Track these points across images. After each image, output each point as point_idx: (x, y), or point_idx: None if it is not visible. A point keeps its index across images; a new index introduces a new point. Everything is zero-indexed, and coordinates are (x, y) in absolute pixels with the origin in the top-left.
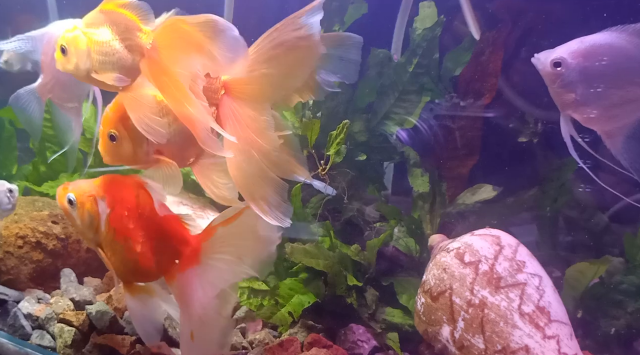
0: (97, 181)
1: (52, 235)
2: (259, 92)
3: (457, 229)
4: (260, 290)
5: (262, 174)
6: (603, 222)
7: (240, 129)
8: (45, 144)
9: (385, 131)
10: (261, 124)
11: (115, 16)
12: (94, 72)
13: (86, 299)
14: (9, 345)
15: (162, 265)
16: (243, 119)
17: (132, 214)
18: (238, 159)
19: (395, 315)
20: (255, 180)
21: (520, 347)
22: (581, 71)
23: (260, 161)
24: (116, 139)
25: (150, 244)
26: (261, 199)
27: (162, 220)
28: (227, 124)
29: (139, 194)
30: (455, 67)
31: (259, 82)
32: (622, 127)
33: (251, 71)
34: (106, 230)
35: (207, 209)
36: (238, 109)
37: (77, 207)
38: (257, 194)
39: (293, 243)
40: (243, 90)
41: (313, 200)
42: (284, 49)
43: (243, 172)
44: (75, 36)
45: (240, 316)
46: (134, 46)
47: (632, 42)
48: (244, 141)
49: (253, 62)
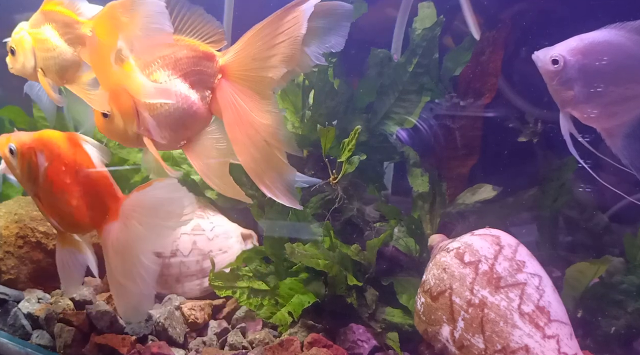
0: (37, 135)
1: (52, 235)
2: (258, 73)
3: (457, 229)
4: (260, 290)
5: (269, 157)
6: (603, 222)
7: (243, 113)
8: None
9: (385, 131)
10: (265, 106)
11: (53, 15)
12: (40, 70)
13: (86, 298)
14: (9, 345)
15: (94, 219)
16: (245, 103)
17: (69, 169)
18: (245, 144)
19: (395, 315)
20: (263, 163)
21: (520, 347)
22: (580, 69)
23: (266, 145)
24: (108, 116)
25: (84, 198)
26: (271, 183)
27: (95, 176)
28: (227, 108)
29: (76, 151)
30: (455, 67)
31: (257, 63)
32: (622, 124)
33: (248, 53)
34: (44, 182)
35: (207, 209)
36: (239, 93)
37: (17, 157)
38: (267, 177)
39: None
40: (242, 73)
41: (313, 200)
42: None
43: (251, 156)
44: (21, 37)
45: (240, 316)
46: (73, 39)
47: (631, 39)
48: (248, 125)
49: (248, 45)
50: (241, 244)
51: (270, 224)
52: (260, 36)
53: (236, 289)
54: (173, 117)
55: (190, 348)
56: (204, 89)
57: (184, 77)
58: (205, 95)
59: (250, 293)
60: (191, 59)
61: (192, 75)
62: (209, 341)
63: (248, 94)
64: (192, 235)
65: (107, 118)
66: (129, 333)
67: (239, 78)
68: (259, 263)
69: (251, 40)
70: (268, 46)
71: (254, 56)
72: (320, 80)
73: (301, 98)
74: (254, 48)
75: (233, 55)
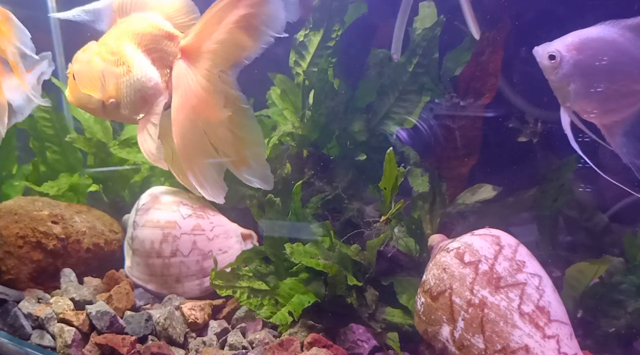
0: None
1: (52, 235)
2: (214, 56)
3: (457, 229)
4: (260, 290)
5: (204, 146)
6: (603, 222)
7: (190, 95)
8: (45, 143)
9: (385, 131)
10: (212, 96)
11: None
12: None
13: (86, 298)
14: (9, 345)
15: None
16: (194, 87)
17: None
18: (184, 127)
19: (395, 315)
20: (197, 151)
21: (520, 347)
22: (575, 64)
23: (204, 133)
24: (76, 77)
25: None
26: (199, 171)
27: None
28: (177, 88)
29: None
30: (455, 67)
31: (214, 45)
32: (620, 121)
33: (205, 36)
34: None
35: (207, 209)
36: (191, 75)
37: None
38: (196, 164)
39: (293, 243)
40: (199, 54)
41: (313, 200)
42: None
43: (186, 140)
44: None
45: (240, 316)
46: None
47: (624, 36)
48: (190, 108)
49: (206, 27)
50: (241, 244)
51: (270, 224)
52: (219, 15)
53: (236, 289)
54: (133, 87)
55: (190, 348)
56: (164, 66)
57: (147, 52)
58: (165, 73)
59: (250, 293)
60: (155, 37)
61: (154, 51)
62: (209, 341)
63: (204, 76)
64: (192, 235)
65: (75, 83)
66: (129, 333)
67: (196, 60)
68: (259, 263)
69: (209, 22)
70: (228, 27)
71: (215, 36)
72: (320, 80)
73: (301, 98)
74: (214, 28)
75: (192, 37)
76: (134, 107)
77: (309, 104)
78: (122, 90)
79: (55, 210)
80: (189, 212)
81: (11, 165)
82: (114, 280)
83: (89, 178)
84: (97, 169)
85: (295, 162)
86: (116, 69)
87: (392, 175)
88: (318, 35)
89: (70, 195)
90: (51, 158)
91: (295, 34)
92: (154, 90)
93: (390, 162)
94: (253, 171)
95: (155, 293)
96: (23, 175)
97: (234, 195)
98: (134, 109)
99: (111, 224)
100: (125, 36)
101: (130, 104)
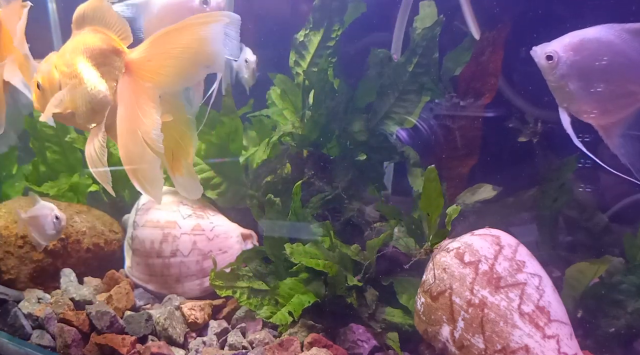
0: None
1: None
2: (156, 73)
3: (457, 229)
4: (260, 290)
5: (145, 155)
6: (603, 222)
7: (131, 110)
8: (45, 143)
9: (385, 131)
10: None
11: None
12: None
13: (86, 298)
14: (9, 345)
15: None
16: (139, 100)
17: None
18: (125, 138)
19: (395, 315)
20: (139, 159)
21: (520, 347)
22: (571, 65)
23: (144, 143)
24: (40, 88)
25: None
26: (142, 177)
27: None
28: (120, 101)
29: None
30: (455, 67)
31: (157, 66)
32: (617, 122)
33: (150, 55)
34: None
35: (207, 209)
36: (135, 90)
37: None
38: (140, 172)
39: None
40: (142, 72)
41: (313, 200)
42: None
43: (129, 151)
44: None
45: (240, 316)
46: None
47: (620, 38)
48: (132, 121)
49: (153, 47)
50: (241, 244)
51: (270, 224)
52: (165, 41)
53: (236, 289)
54: (84, 99)
55: (190, 348)
56: (112, 80)
57: (96, 66)
58: (113, 86)
59: (250, 293)
60: (103, 51)
61: (102, 65)
62: (209, 341)
63: (145, 92)
64: (192, 235)
65: (40, 90)
66: (129, 333)
67: (138, 76)
68: (259, 263)
69: (156, 42)
70: (170, 54)
71: (156, 59)
72: (320, 80)
73: (301, 98)
74: (157, 51)
75: (137, 54)
76: (86, 117)
77: (309, 104)
78: (75, 102)
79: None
80: (189, 212)
81: (11, 165)
82: (114, 280)
83: (89, 178)
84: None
85: (295, 162)
86: (70, 81)
87: (436, 195)
88: (318, 35)
89: (70, 195)
90: (51, 158)
91: (295, 34)
92: (103, 102)
93: (433, 180)
94: (184, 180)
95: (155, 293)
96: (23, 175)
97: (234, 195)
98: (87, 120)
99: (111, 224)
100: (78, 49)
101: (83, 114)
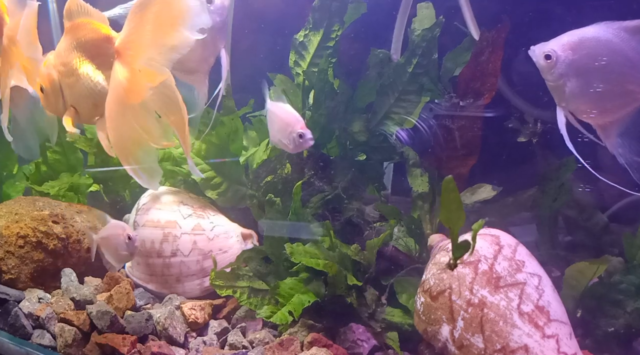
0: None
1: (52, 235)
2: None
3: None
4: (260, 289)
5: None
6: (602, 221)
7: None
8: (46, 143)
9: (385, 131)
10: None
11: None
12: None
13: (87, 298)
14: (9, 344)
15: None
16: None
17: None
18: (117, 122)
19: (395, 314)
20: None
21: (519, 347)
22: (569, 64)
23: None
24: (44, 91)
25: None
26: (134, 161)
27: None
28: (111, 88)
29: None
30: (454, 67)
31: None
32: (615, 122)
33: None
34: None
35: (207, 209)
36: (121, 73)
37: None
38: (132, 157)
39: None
40: (126, 53)
41: (313, 200)
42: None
43: (119, 135)
44: None
45: (241, 315)
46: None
47: (619, 36)
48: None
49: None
50: (241, 243)
51: (271, 223)
52: (138, 12)
53: (236, 289)
54: (84, 95)
55: (190, 348)
56: (107, 69)
57: (90, 59)
58: (109, 75)
59: (250, 293)
60: (95, 42)
61: (97, 57)
62: (209, 341)
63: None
64: (192, 235)
65: (43, 93)
66: (130, 333)
67: (127, 60)
68: (259, 263)
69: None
70: (146, 21)
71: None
72: (320, 80)
73: (301, 98)
74: (134, 24)
75: (122, 38)
76: (89, 112)
77: (309, 104)
78: (76, 99)
79: (56, 210)
80: (189, 211)
81: (12, 165)
82: (115, 280)
83: (90, 178)
84: (98, 169)
85: (295, 162)
86: (68, 79)
87: (456, 207)
88: (318, 35)
89: (71, 195)
90: (52, 158)
91: (295, 34)
92: (102, 94)
93: (452, 191)
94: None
95: (156, 293)
96: (24, 175)
97: (234, 195)
98: (90, 115)
99: None
100: (71, 45)
101: (85, 110)
